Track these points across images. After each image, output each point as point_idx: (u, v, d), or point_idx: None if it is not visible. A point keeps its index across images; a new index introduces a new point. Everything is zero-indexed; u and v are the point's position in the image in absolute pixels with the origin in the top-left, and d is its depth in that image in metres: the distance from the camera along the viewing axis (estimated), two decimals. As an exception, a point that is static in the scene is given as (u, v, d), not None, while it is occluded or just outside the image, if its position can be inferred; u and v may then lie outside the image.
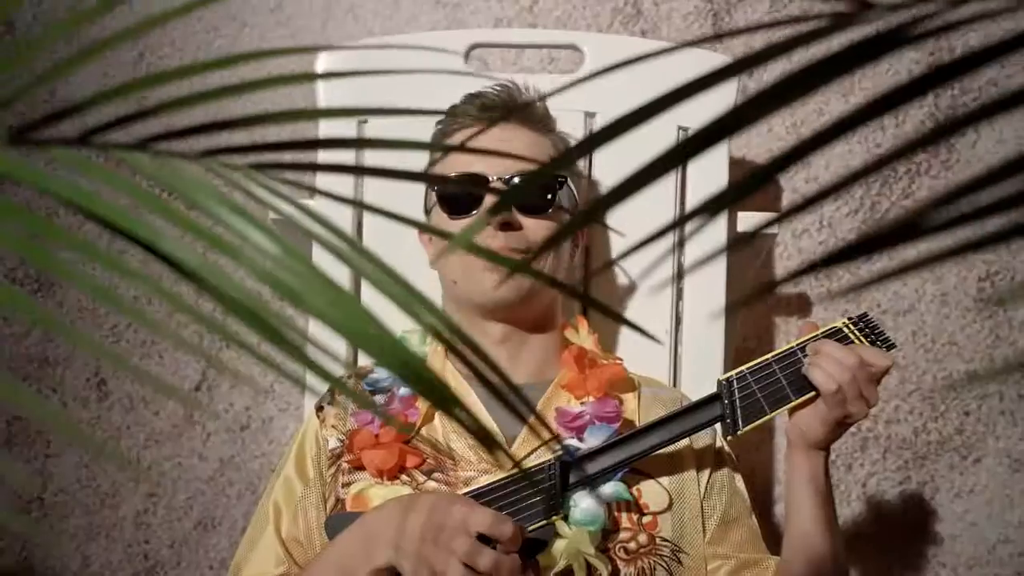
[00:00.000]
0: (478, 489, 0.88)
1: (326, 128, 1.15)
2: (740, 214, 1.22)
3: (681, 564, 0.93)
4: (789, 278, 0.36)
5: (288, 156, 0.49)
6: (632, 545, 0.91)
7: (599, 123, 1.20)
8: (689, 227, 0.73)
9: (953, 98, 1.31)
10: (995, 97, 0.30)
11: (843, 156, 1.32)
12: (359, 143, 0.85)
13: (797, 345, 0.88)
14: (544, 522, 0.85)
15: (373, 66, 1.19)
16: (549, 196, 0.97)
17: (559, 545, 0.85)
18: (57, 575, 1.46)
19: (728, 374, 0.91)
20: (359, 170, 0.83)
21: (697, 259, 1.18)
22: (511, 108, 1.00)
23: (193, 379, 1.44)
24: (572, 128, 1.18)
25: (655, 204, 1.14)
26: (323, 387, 1.32)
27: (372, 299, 0.45)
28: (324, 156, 1.13)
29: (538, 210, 0.96)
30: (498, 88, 1.02)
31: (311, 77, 1.06)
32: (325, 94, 1.20)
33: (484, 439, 0.41)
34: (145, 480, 1.47)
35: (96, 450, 1.45)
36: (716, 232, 1.12)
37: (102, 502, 1.46)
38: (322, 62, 1.20)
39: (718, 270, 1.14)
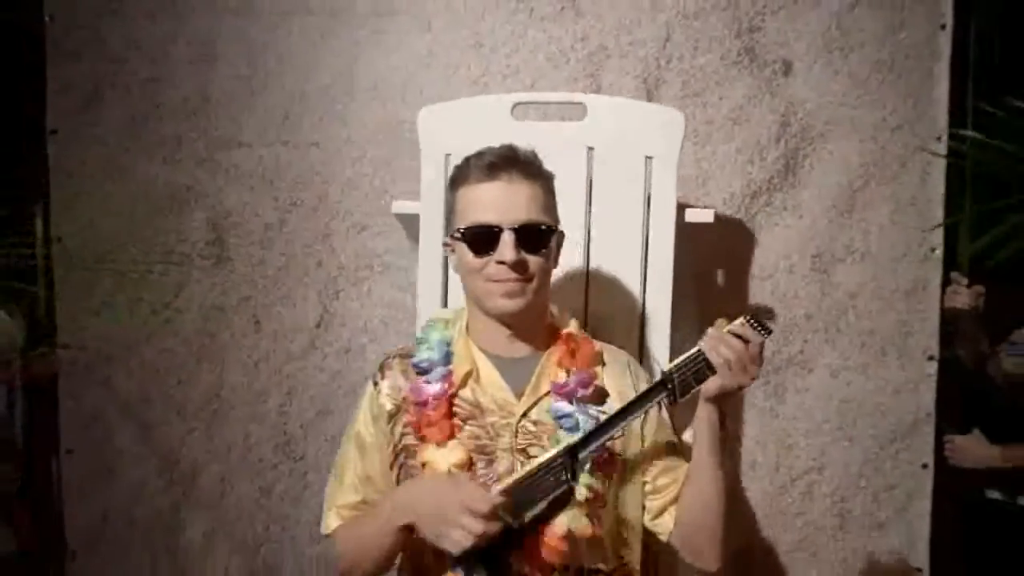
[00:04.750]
0: (516, 479, 1.06)
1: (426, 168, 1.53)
2: (688, 210, 1.53)
3: (627, 468, 1.17)
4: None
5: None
6: (596, 460, 1.12)
7: (596, 154, 1.48)
8: (653, 220, 1.48)
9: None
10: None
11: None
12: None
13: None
14: (561, 489, 1.06)
15: (455, 116, 1.54)
16: (544, 240, 1.13)
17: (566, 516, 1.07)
18: (228, 447, 1.89)
19: (669, 366, 1.08)
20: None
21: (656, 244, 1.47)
22: (512, 162, 1.12)
23: (315, 318, 1.86)
24: (579, 158, 1.46)
25: (631, 204, 1.47)
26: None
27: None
28: (425, 179, 1.55)
29: (536, 249, 1.12)
30: (501, 148, 1.15)
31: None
32: (423, 135, 1.53)
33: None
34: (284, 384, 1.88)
35: (253, 364, 1.89)
36: (668, 224, 1.46)
37: (256, 398, 1.88)
38: (422, 113, 1.54)
39: (668, 255, 1.46)
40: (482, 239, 1.11)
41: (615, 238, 1.49)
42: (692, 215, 1.54)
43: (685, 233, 1.53)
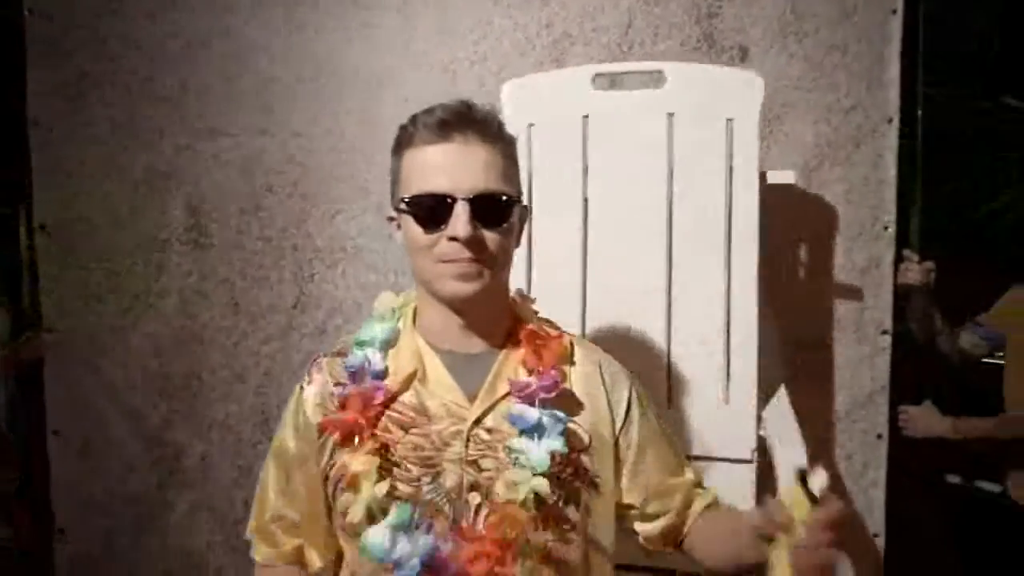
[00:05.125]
0: None
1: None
2: (768, 172, 1.49)
3: (599, 488, 1.01)
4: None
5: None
6: (563, 476, 0.97)
7: (677, 120, 1.45)
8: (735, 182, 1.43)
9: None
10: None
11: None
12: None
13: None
14: None
15: (538, 88, 1.54)
16: (505, 213, 0.96)
17: None
18: (209, 426, 1.94)
19: None
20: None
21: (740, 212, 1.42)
22: (467, 122, 0.95)
23: (291, 300, 1.91)
24: (659, 124, 1.43)
25: (713, 167, 1.43)
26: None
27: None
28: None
29: (496, 224, 0.95)
30: (454, 103, 0.97)
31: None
32: (506, 107, 1.52)
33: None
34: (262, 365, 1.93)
35: (231, 346, 1.94)
36: (751, 185, 1.42)
37: (235, 378, 1.93)
38: (505, 87, 1.54)
39: (753, 216, 1.41)
40: (431, 211, 0.94)
41: (697, 201, 1.46)
42: (773, 176, 1.51)
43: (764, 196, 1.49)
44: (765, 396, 1.49)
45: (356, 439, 0.96)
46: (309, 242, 1.93)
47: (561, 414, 0.98)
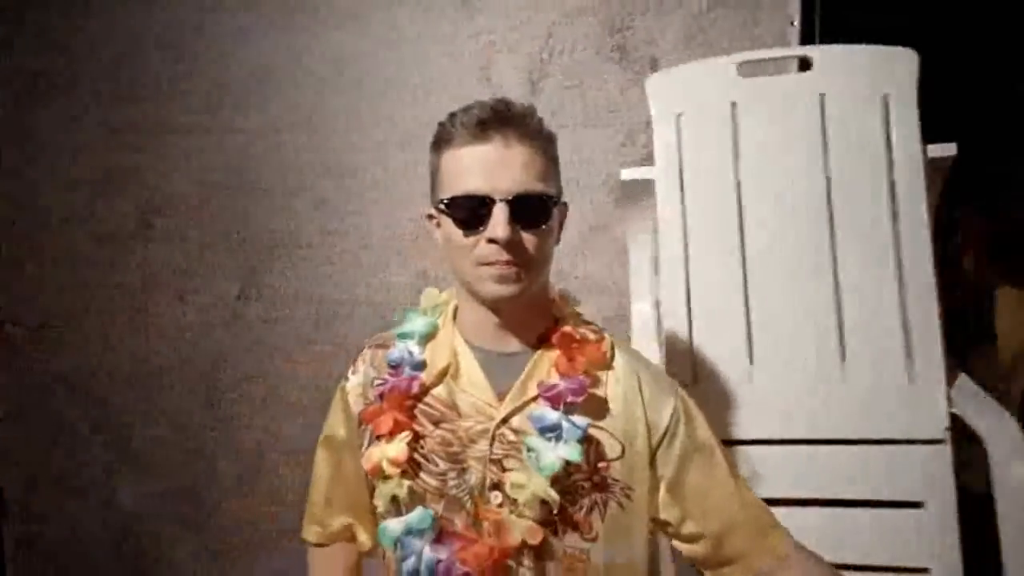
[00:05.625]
0: None
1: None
2: (929, 146, 1.43)
3: (631, 500, 0.97)
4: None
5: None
6: (587, 485, 0.95)
7: (829, 101, 1.44)
8: (897, 158, 1.40)
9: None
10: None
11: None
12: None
13: None
14: None
15: (685, 79, 1.54)
16: (545, 214, 0.94)
17: None
18: (160, 411, 2.01)
19: None
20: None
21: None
22: (505, 121, 0.93)
23: (235, 291, 2.02)
24: (812, 106, 1.43)
25: (871, 145, 1.40)
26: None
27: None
28: (659, 142, 1.53)
29: (535, 225, 0.94)
30: (492, 101, 0.96)
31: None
32: (653, 98, 1.53)
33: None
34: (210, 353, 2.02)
35: (180, 335, 2.03)
36: (915, 159, 1.38)
37: (184, 365, 2.03)
38: (652, 78, 1.57)
39: (920, 191, 1.37)
40: (470, 213, 0.93)
41: (857, 177, 1.41)
42: (934, 150, 1.43)
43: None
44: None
45: (389, 431, 0.98)
46: (253, 236, 2.04)
47: (582, 421, 0.96)
